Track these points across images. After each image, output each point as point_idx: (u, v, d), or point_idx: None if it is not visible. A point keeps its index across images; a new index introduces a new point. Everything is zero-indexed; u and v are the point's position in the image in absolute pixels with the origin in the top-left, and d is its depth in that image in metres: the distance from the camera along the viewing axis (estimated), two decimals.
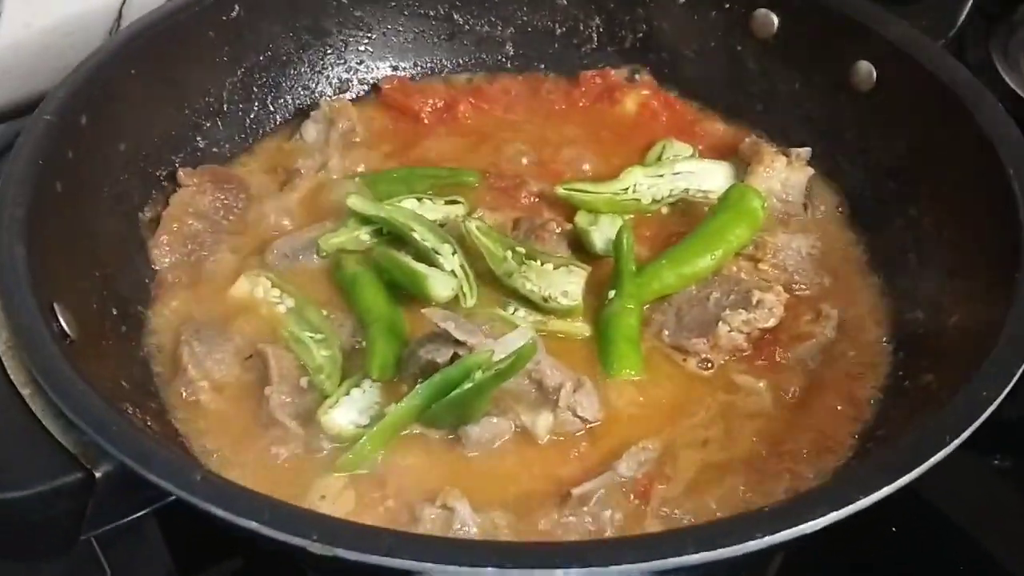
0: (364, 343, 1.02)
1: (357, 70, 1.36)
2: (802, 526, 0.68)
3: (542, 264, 1.08)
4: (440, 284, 1.05)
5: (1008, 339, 0.83)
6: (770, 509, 0.70)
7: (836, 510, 0.69)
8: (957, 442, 0.74)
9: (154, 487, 0.73)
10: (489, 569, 0.65)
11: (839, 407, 0.98)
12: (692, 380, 1.01)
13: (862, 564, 1.05)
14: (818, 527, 0.69)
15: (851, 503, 0.70)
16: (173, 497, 0.76)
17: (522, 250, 1.09)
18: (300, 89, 1.33)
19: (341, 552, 0.67)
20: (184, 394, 0.99)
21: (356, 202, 1.12)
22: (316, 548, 0.67)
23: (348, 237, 1.12)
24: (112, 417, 0.76)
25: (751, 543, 0.67)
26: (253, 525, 0.69)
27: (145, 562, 1.11)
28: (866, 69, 1.17)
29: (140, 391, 0.97)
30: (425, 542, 0.71)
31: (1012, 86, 1.33)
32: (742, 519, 0.71)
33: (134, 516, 0.81)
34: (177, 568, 1.10)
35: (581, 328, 1.06)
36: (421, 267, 1.06)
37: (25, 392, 0.81)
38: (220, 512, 0.70)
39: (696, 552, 0.67)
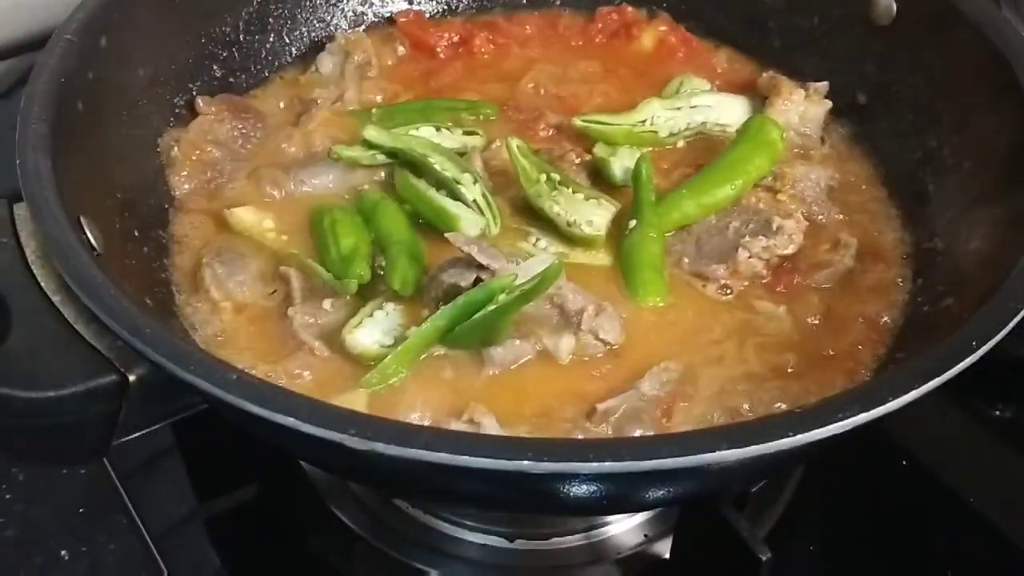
0: (384, 264, 1.01)
1: (372, 3, 1.36)
2: (834, 425, 0.69)
3: (573, 192, 1.08)
4: (470, 225, 1.05)
5: None
6: (802, 409, 0.70)
7: (867, 411, 0.70)
8: (985, 348, 0.75)
9: (189, 389, 0.73)
10: (526, 462, 0.65)
11: (859, 332, 0.98)
12: (712, 305, 1.02)
13: (855, 518, 1.07)
14: (849, 427, 0.69)
15: (882, 404, 0.70)
16: (201, 405, 0.76)
17: (556, 176, 1.09)
18: (315, 22, 1.33)
19: (379, 447, 0.67)
20: (206, 315, 0.99)
21: (373, 133, 1.12)
22: (354, 443, 0.67)
23: (362, 153, 1.12)
24: (146, 321, 0.76)
25: (784, 440, 0.68)
26: (291, 422, 0.68)
27: (164, 492, 1.12)
28: (885, 3, 1.17)
29: (163, 310, 0.97)
30: (462, 436, 0.72)
31: (1018, 29, 1.32)
32: (775, 418, 0.71)
33: (164, 423, 0.81)
34: (196, 495, 1.11)
35: (602, 258, 1.06)
36: (451, 205, 1.06)
37: (56, 299, 0.82)
38: (258, 410, 0.69)
39: (729, 448, 0.67)
